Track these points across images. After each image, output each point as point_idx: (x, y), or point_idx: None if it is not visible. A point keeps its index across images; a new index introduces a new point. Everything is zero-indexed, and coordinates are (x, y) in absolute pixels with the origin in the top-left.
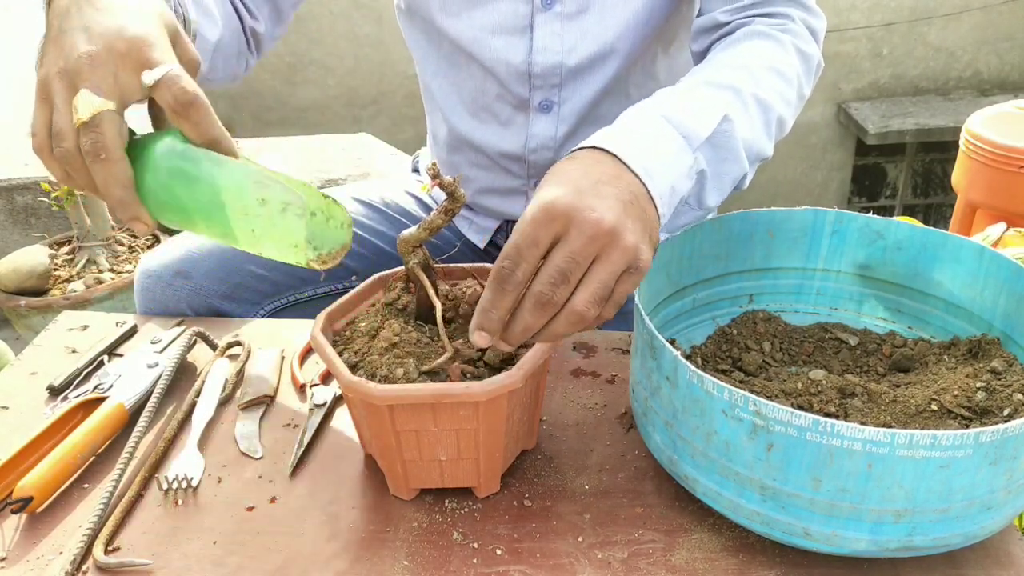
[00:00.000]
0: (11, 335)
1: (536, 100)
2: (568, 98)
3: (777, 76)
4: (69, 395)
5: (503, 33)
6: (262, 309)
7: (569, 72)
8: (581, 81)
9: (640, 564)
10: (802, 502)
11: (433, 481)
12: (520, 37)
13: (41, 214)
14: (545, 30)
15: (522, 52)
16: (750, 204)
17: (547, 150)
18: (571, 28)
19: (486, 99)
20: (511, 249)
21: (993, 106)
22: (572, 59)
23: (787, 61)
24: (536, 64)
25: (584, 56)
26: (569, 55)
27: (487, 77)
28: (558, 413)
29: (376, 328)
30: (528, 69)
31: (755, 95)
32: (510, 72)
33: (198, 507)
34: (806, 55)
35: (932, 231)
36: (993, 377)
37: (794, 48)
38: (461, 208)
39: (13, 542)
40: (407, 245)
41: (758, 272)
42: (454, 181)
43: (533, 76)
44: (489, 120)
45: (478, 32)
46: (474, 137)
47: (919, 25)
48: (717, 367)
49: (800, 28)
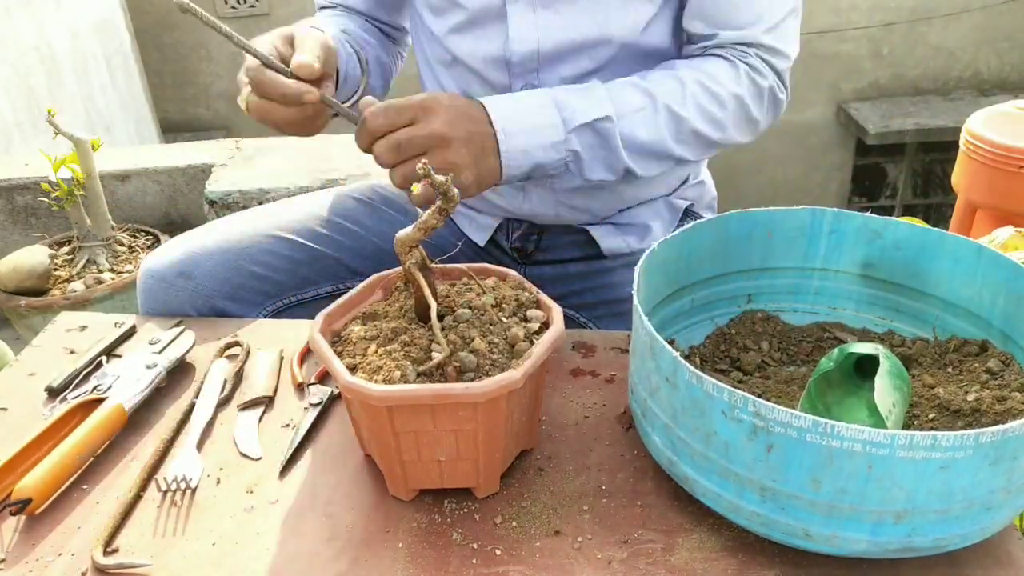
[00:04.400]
0: (11, 335)
1: (518, 86)
2: (547, 82)
3: (708, 95)
4: (68, 396)
5: (477, 26)
6: (264, 310)
7: (546, 58)
8: (560, 66)
9: (639, 564)
10: (802, 503)
11: (432, 482)
12: (495, 27)
13: (41, 214)
14: (518, 19)
15: (498, 42)
16: (749, 204)
17: None
18: (544, 16)
19: (470, 91)
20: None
21: (993, 106)
22: (547, 45)
23: (729, 84)
24: (513, 52)
25: (559, 42)
26: (544, 42)
27: (467, 69)
28: (557, 413)
29: (376, 329)
30: (506, 57)
31: (669, 107)
32: (487, 62)
33: (197, 508)
34: (758, 86)
35: (930, 230)
36: (991, 377)
37: (746, 76)
38: (455, 207)
39: (12, 543)
40: (403, 246)
41: (756, 272)
42: (446, 181)
43: (511, 64)
44: None
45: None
46: None
47: (919, 25)
48: (716, 367)
49: (757, 62)
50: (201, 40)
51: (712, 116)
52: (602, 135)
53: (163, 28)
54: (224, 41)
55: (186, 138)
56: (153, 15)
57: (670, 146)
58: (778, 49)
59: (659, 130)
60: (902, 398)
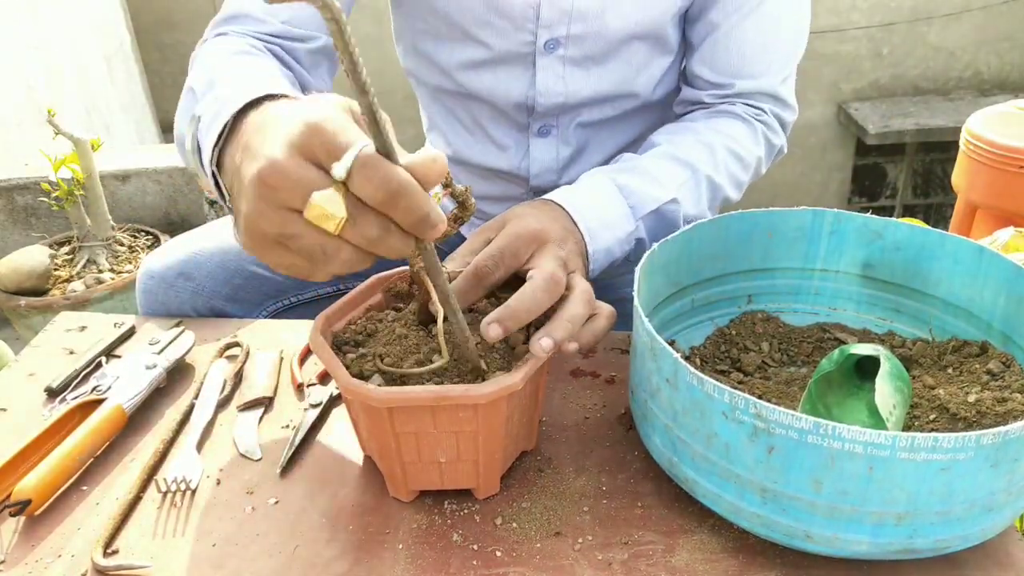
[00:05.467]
0: (11, 335)
1: (536, 127)
2: (565, 123)
3: (736, 160)
4: (67, 397)
5: (504, 67)
6: (264, 310)
7: (569, 107)
8: (581, 115)
9: (640, 565)
10: (803, 505)
11: (432, 483)
12: (522, 72)
13: (41, 214)
14: (547, 73)
15: (523, 87)
16: (749, 204)
17: (551, 173)
18: (573, 73)
19: (484, 122)
20: (496, 252)
21: (993, 106)
22: (574, 99)
23: (750, 147)
24: (538, 104)
25: (585, 97)
26: (570, 97)
27: (483, 104)
28: (558, 414)
29: (376, 330)
30: (528, 103)
31: (709, 177)
32: (508, 103)
33: (197, 509)
34: (772, 144)
35: (931, 231)
36: (992, 378)
37: (763, 136)
38: (471, 217)
39: (11, 545)
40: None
41: (757, 272)
42: (466, 191)
43: (533, 110)
44: (487, 143)
45: (480, 65)
46: (473, 157)
47: (919, 25)
48: (716, 368)
49: (772, 120)
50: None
51: (739, 181)
52: (667, 218)
53: (163, 28)
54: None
55: None
56: (153, 15)
57: (707, 216)
58: (788, 102)
59: (701, 201)
60: (903, 399)
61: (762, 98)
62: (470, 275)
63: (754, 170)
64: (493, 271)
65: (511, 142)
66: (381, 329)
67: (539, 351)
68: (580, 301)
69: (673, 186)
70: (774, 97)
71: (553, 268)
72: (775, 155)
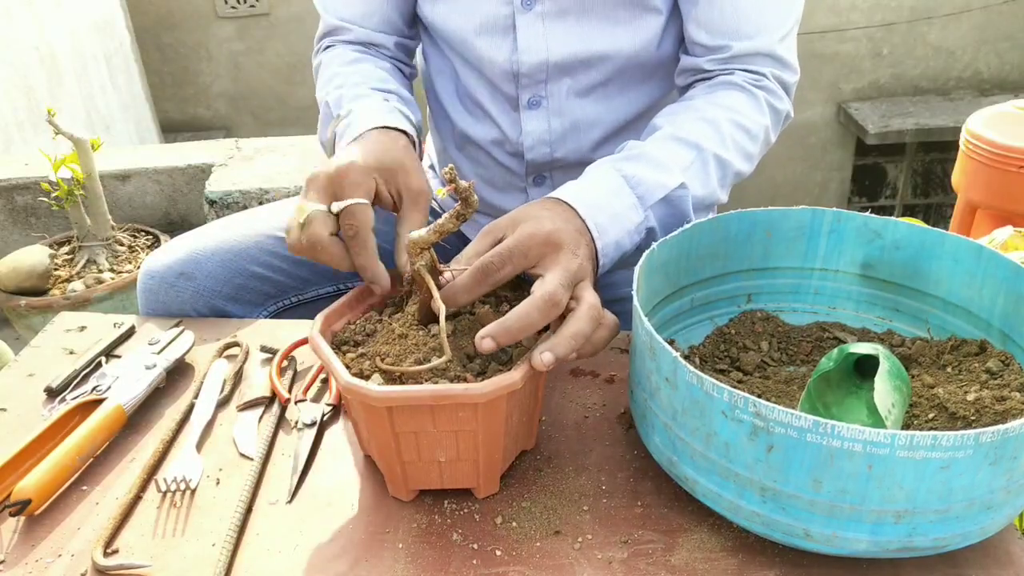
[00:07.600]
0: (11, 335)
1: (525, 98)
2: (555, 92)
3: (743, 132)
4: (67, 397)
5: (487, 34)
6: (265, 310)
7: (554, 69)
8: (568, 78)
9: (640, 564)
10: (802, 503)
11: (432, 482)
12: (503, 37)
13: (41, 214)
14: (528, 31)
15: (506, 51)
16: (749, 204)
17: (544, 145)
18: (553, 28)
19: (480, 97)
20: (504, 251)
21: (993, 106)
22: (556, 57)
23: (755, 117)
24: (522, 64)
25: (567, 55)
26: (553, 54)
27: (479, 76)
28: (557, 413)
29: (376, 330)
30: (513, 68)
31: (716, 155)
32: (495, 71)
33: (196, 509)
34: (776, 110)
35: (930, 230)
36: (991, 377)
37: (767, 104)
38: (473, 214)
39: (11, 545)
40: (416, 247)
41: (756, 272)
42: (469, 186)
43: (520, 75)
44: (483, 118)
45: (465, 33)
46: (472, 133)
47: (919, 25)
48: (715, 367)
49: (773, 85)
50: (201, 40)
51: (748, 153)
52: (676, 205)
53: (163, 28)
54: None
55: (186, 138)
56: (153, 15)
57: (718, 194)
58: (789, 62)
59: (710, 181)
60: (902, 398)
61: (761, 60)
62: (476, 270)
63: (763, 140)
64: (500, 267)
65: (505, 115)
66: (381, 329)
67: (540, 365)
68: (586, 318)
69: (679, 169)
70: (773, 58)
71: (554, 288)
72: (783, 121)
